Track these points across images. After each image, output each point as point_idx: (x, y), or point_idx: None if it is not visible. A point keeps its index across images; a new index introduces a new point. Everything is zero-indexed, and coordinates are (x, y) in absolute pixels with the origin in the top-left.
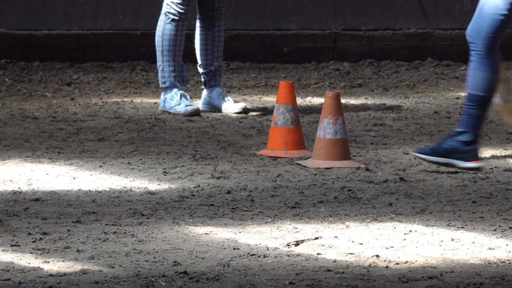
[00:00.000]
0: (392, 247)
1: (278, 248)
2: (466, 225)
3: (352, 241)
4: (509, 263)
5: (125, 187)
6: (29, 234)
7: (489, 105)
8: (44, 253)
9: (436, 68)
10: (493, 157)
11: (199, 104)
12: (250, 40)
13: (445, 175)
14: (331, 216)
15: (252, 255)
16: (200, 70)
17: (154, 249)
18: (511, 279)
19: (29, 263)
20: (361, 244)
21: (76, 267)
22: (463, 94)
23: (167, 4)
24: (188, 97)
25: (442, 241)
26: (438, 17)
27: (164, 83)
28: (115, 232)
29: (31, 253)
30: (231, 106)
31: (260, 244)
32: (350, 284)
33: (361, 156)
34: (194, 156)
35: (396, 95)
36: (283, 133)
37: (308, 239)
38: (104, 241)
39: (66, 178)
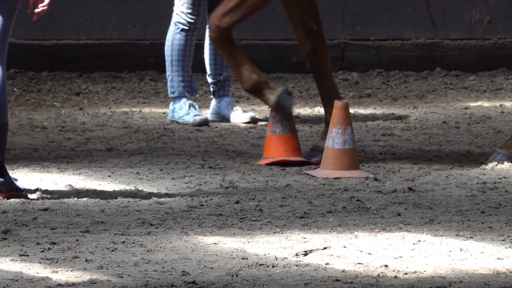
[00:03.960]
0: (400, 257)
1: (287, 258)
2: (475, 235)
3: (361, 251)
4: None
5: (134, 197)
6: (38, 243)
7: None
8: (52, 262)
9: (445, 78)
10: (501, 167)
11: (207, 114)
12: (259, 50)
13: (454, 185)
14: (339, 226)
15: (261, 265)
16: (209, 80)
17: (162, 259)
18: None
19: (38, 273)
20: (370, 254)
21: (85, 276)
22: (472, 104)
23: (177, 14)
24: (196, 107)
25: (450, 251)
26: (446, 27)
27: (173, 93)
28: (124, 242)
29: (40, 263)
30: (239, 116)
31: (268, 254)
32: None
33: (369, 166)
34: (203, 166)
35: (405, 105)
36: (282, 140)
37: (316, 249)
38: (113, 251)
39: (75, 188)
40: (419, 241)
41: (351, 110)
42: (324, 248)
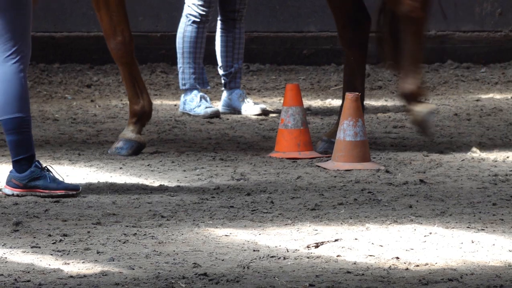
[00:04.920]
0: (412, 249)
1: (298, 250)
2: (486, 227)
3: (372, 243)
4: None
5: (145, 189)
6: (49, 235)
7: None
8: (64, 254)
9: (456, 70)
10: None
11: (219, 106)
12: (270, 42)
13: (465, 177)
14: (351, 218)
15: (272, 257)
16: (220, 72)
17: (174, 251)
18: None
19: (49, 265)
20: (381, 246)
21: (96, 268)
22: (483, 96)
23: (189, 6)
24: (208, 99)
25: (462, 243)
26: (457, 19)
27: (184, 85)
28: (135, 233)
29: (51, 254)
30: (250, 108)
31: (280, 246)
32: (370, 286)
33: (381, 158)
34: (214, 158)
35: None
36: (294, 134)
37: (328, 241)
38: (124, 242)
39: (86, 180)
40: (430, 233)
41: None
42: (335, 240)
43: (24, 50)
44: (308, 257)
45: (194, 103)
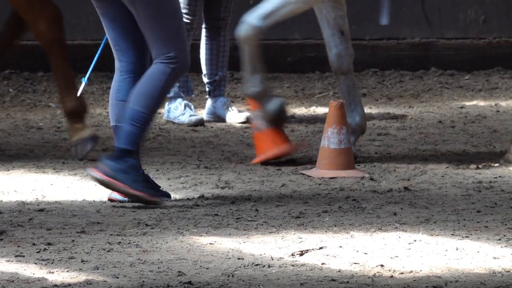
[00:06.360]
0: (396, 256)
1: (283, 258)
2: (471, 234)
3: (357, 251)
4: None
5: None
6: (34, 244)
7: None
8: (48, 263)
9: (440, 78)
10: (497, 166)
11: (203, 114)
12: None
13: (449, 184)
14: (335, 226)
15: (257, 265)
16: (205, 79)
17: (158, 259)
18: None
19: (34, 274)
20: (366, 253)
21: (81, 277)
22: (467, 103)
23: None
24: (192, 107)
25: (446, 250)
26: (442, 26)
27: (169, 93)
28: (120, 242)
29: (36, 263)
30: (235, 116)
31: (264, 254)
32: None
33: (365, 165)
34: (198, 166)
35: (400, 104)
36: (269, 135)
37: (312, 249)
38: (109, 251)
39: (71, 188)
40: (415, 240)
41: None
42: (320, 248)
43: (177, 57)
44: (292, 265)
45: (179, 111)
